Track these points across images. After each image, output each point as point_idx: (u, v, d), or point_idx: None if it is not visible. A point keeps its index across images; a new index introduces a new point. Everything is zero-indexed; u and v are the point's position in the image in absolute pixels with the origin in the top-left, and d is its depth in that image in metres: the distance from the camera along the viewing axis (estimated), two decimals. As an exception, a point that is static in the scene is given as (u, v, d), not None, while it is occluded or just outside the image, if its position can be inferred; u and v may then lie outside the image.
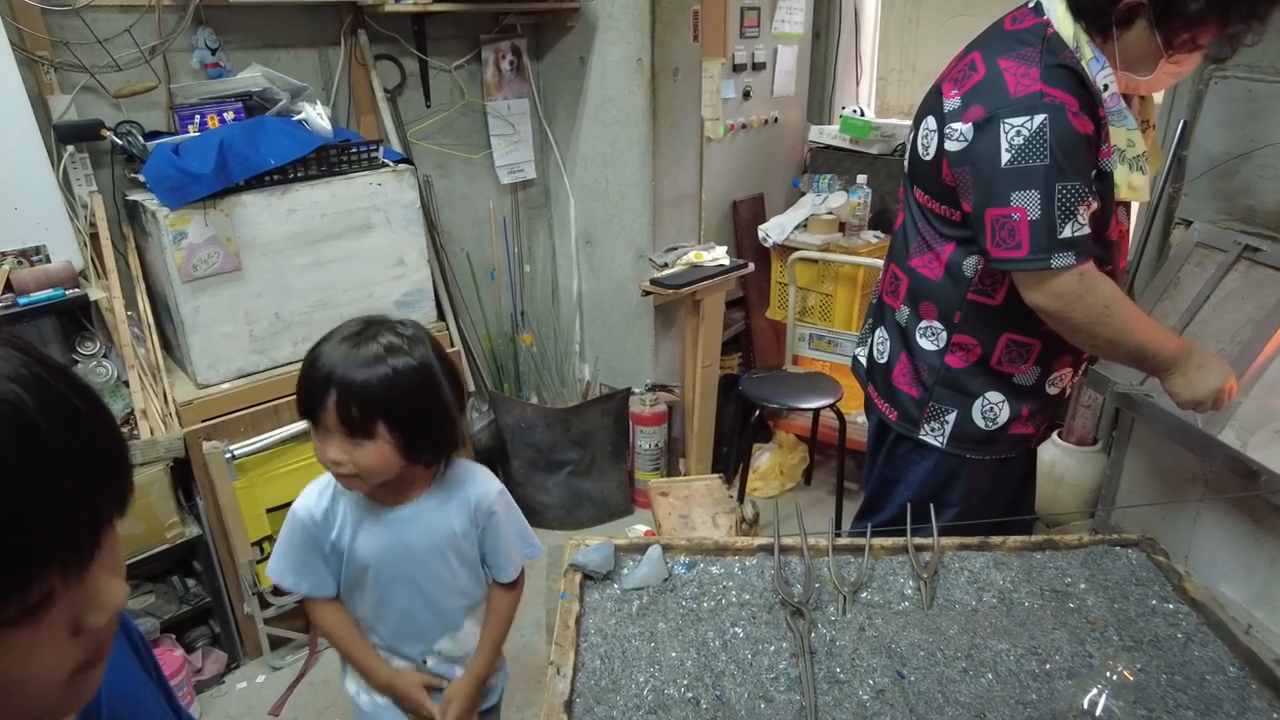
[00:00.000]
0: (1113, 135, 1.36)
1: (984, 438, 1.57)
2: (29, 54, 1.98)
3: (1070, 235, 1.32)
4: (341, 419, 1.16)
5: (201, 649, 2.32)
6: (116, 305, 2.07)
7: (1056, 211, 1.31)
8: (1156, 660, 1.10)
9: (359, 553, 1.31)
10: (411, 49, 2.64)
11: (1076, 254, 1.32)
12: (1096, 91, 1.33)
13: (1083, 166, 1.33)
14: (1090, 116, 1.32)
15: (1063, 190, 1.30)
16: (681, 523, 1.53)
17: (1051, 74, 1.31)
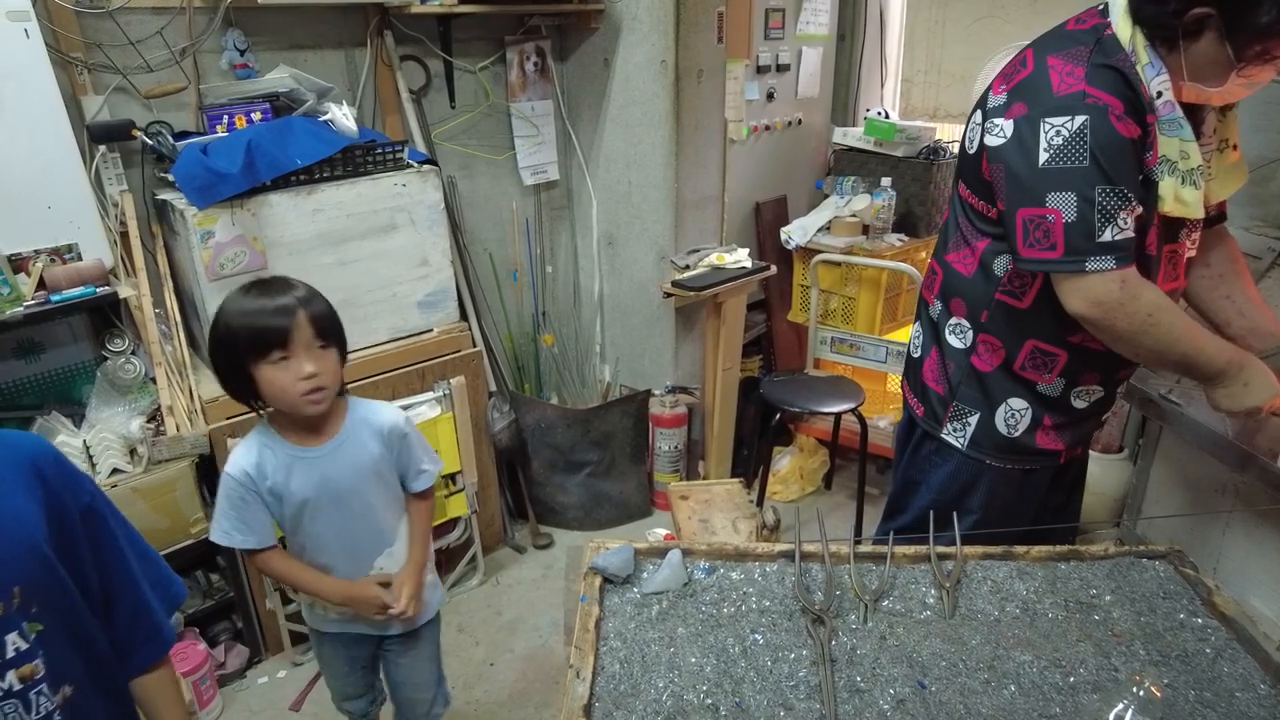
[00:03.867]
0: (1163, 144, 1.29)
1: (1005, 445, 1.54)
2: (63, 55, 2.01)
3: (1110, 239, 1.27)
4: (316, 332, 1.37)
5: (224, 643, 2.34)
6: (145, 303, 2.10)
7: (1096, 215, 1.27)
8: (1184, 676, 1.08)
9: (295, 493, 1.46)
10: (437, 50, 2.66)
11: (1117, 259, 1.27)
12: (1149, 98, 1.27)
13: (1126, 170, 1.27)
14: (1137, 121, 1.27)
15: (1103, 194, 1.26)
16: (701, 527, 1.52)
17: (1098, 74, 1.27)
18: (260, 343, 1.34)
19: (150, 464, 2.04)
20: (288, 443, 1.46)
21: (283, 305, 1.35)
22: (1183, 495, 2.20)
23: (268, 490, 1.46)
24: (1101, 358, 1.44)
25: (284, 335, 1.34)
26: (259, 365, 1.35)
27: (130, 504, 2.01)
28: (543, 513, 3.01)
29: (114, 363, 2.07)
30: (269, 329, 1.34)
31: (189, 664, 2.12)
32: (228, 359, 1.37)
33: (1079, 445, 1.60)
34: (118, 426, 2.04)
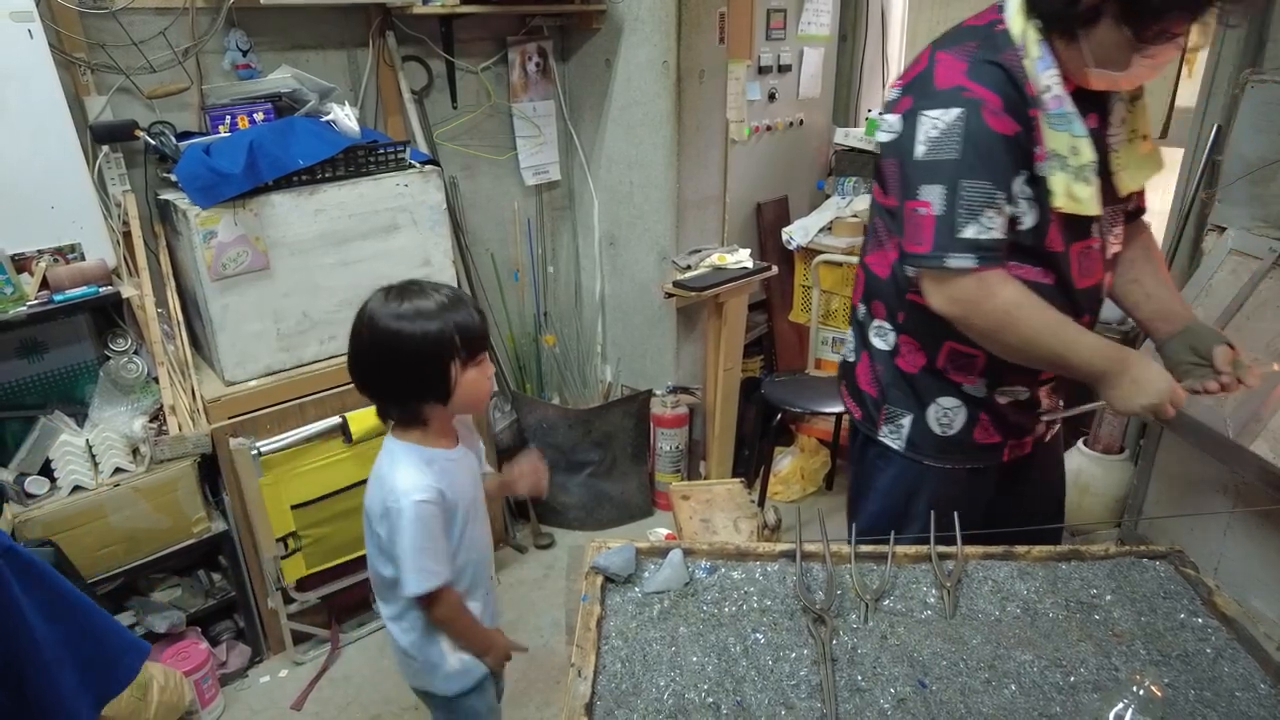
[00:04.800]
0: (1051, 140, 1.26)
1: (942, 444, 1.49)
2: (67, 56, 2.02)
3: (973, 237, 1.24)
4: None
5: (226, 642, 2.35)
6: (147, 303, 2.10)
7: (958, 210, 1.24)
8: (1185, 675, 1.08)
9: (458, 501, 1.39)
10: (439, 50, 2.67)
11: (979, 258, 1.25)
12: (1034, 94, 1.25)
13: (997, 167, 1.25)
14: (1016, 118, 1.25)
15: (968, 188, 1.24)
16: (703, 526, 1.52)
17: (978, 69, 1.25)
18: (476, 345, 1.34)
19: (152, 463, 2.05)
20: (436, 449, 1.39)
21: (477, 307, 1.37)
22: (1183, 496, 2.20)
23: (449, 506, 1.38)
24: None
25: (487, 336, 1.36)
26: (466, 368, 1.34)
27: (132, 503, 2.02)
28: (544, 513, 3.02)
29: (116, 362, 2.08)
30: (480, 331, 1.35)
31: (191, 663, 2.13)
32: (438, 365, 1.31)
33: (1022, 438, 1.54)
34: (120, 426, 2.05)
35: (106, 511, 1.99)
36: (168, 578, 2.27)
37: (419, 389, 1.34)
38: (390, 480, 1.34)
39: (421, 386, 1.34)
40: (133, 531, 2.04)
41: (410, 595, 1.35)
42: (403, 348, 1.30)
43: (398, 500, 1.32)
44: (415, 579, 1.33)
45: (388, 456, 1.39)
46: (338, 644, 2.46)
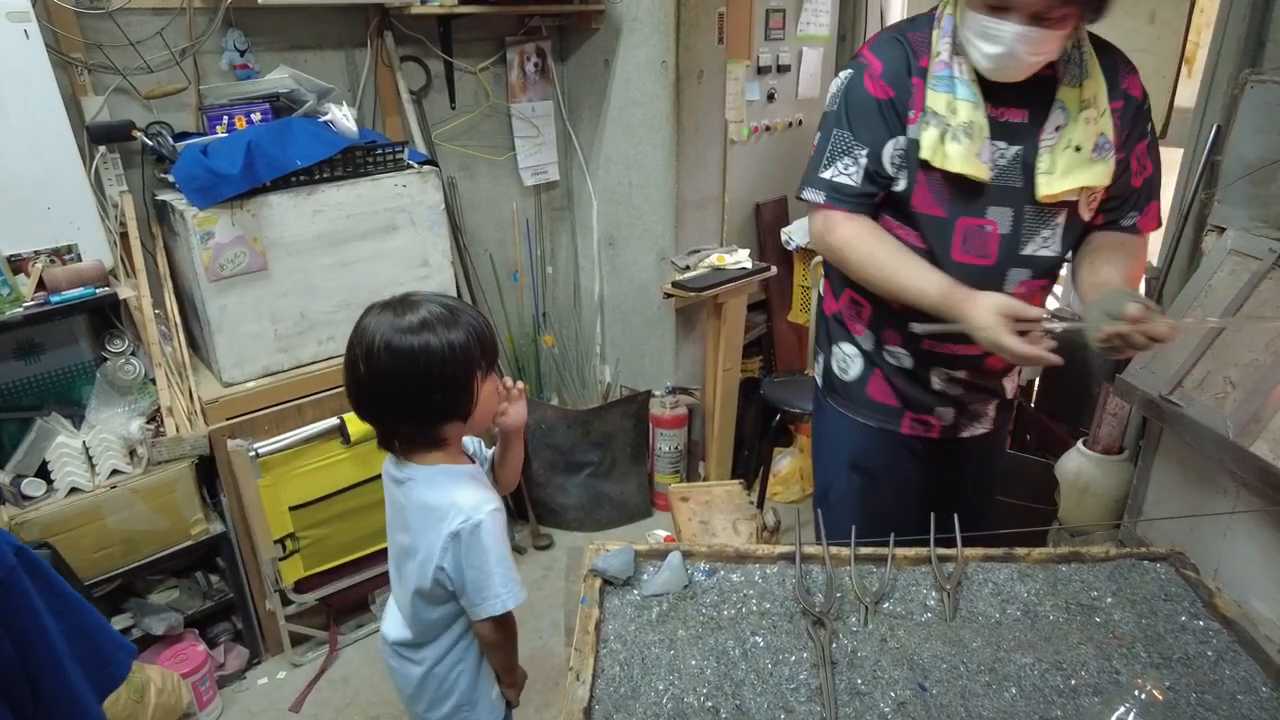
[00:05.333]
0: (930, 99, 1.36)
1: (841, 388, 1.61)
2: (63, 56, 2.01)
3: (828, 177, 1.42)
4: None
5: (224, 644, 2.34)
6: (145, 304, 2.09)
7: (825, 153, 1.42)
8: (1186, 679, 1.07)
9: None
10: (437, 51, 2.66)
11: (826, 195, 1.42)
12: (927, 64, 1.37)
13: (864, 125, 1.40)
14: (894, 84, 1.38)
15: (836, 136, 1.41)
16: (702, 528, 1.52)
17: (880, 42, 1.43)
18: (492, 354, 1.27)
19: (150, 465, 2.04)
20: (466, 466, 1.33)
21: (483, 316, 1.29)
22: (1183, 496, 2.20)
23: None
24: (895, 314, 1.45)
25: (498, 347, 1.31)
26: (485, 381, 1.26)
27: (130, 505, 2.01)
28: (543, 513, 3.01)
29: (114, 364, 2.07)
30: (494, 338, 1.29)
31: (189, 665, 2.12)
32: (465, 378, 1.23)
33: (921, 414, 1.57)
34: (117, 427, 2.04)
35: (104, 513, 1.98)
36: (165, 579, 2.26)
37: (443, 407, 1.24)
38: (452, 502, 1.24)
39: (446, 404, 1.23)
40: (130, 533, 2.04)
41: (500, 614, 1.26)
42: (430, 365, 1.19)
43: (470, 517, 1.22)
44: (507, 594, 1.25)
45: (428, 486, 1.27)
46: (336, 646, 2.45)
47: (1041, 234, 1.43)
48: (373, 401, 1.26)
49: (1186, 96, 2.69)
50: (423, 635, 1.36)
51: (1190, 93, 2.59)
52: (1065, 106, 1.35)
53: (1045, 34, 1.24)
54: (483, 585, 1.24)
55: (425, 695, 1.39)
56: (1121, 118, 1.38)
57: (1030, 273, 1.44)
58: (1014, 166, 1.38)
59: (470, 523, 1.22)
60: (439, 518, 1.24)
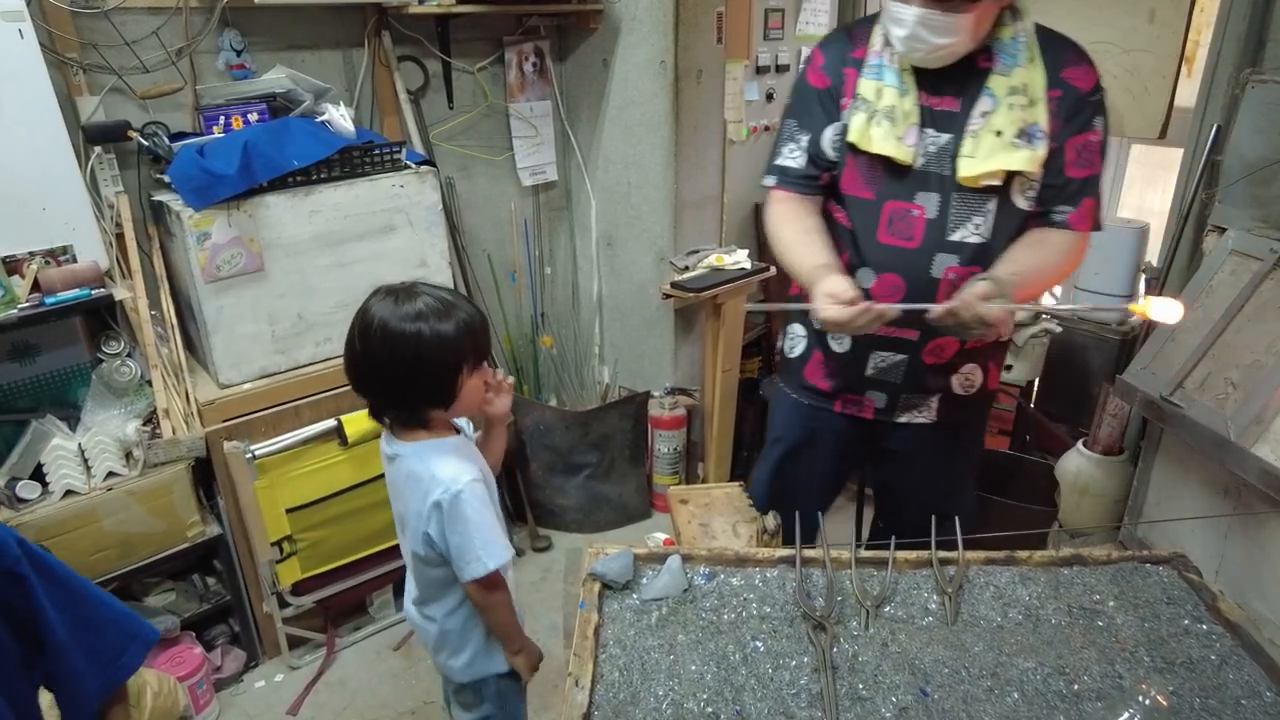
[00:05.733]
0: (861, 86, 1.46)
1: (783, 365, 1.73)
2: (59, 56, 2.00)
3: (778, 163, 1.56)
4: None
5: (221, 647, 2.33)
6: (141, 305, 2.08)
7: (778, 141, 1.57)
8: (1189, 683, 1.07)
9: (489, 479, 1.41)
10: (435, 50, 2.65)
11: (777, 179, 1.56)
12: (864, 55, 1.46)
13: (805, 113, 1.53)
14: (832, 74, 1.50)
15: (786, 125, 1.55)
16: (701, 531, 1.51)
17: (829, 35, 1.55)
18: (483, 351, 1.35)
19: (146, 467, 2.03)
20: (449, 438, 1.40)
21: (481, 311, 1.37)
22: (1184, 497, 2.19)
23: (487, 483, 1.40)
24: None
25: (490, 343, 1.37)
26: (471, 374, 1.33)
27: (126, 508, 2.00)
28: (541, 515, 3.00)
29: (109, 365, 2.06)
30: (487, 337, 1.35)
31: (185, 668, 2.11)
32: (450, 370, 1.30)
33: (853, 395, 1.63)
34: (113, 429, 2.03)
35: (99, 516, 1.97)
36: (162, 582, 2.25)
37: (425, 393, 1.32)
38: (432, 475, 1.32)
39: (429, 391, 1.32)
40: (126, 536, 2.03)
41: (483, 575, 1.33)
42: (420, 352, 1.28)
43: (449, 488, 1.30)
44: (487, 555, 1.32)
45: (414, 458, 1.35)
46: (334, 648, 2.44)
47: (972, 221, 1.45)
48: (366, 379, 1.35)
49: (1186, 96, 2.68)
50: (429, 594, 1.46)
51: (1190, 92, 2.59)
52: (993, 93, 1.40)
53: (948, 19, 1.31)
54: (465, 549, 1.32)
55: (445, 647, 1.49)
56: (1060, 106, 1.41)
57: (959, 259, 1.47)
58: (944, 154, 1.43)
59: (450, 493, 1.30)
60: (423, 489, 1.33)
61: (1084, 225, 1.47)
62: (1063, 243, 1.47)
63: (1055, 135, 1.40)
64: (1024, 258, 1.43)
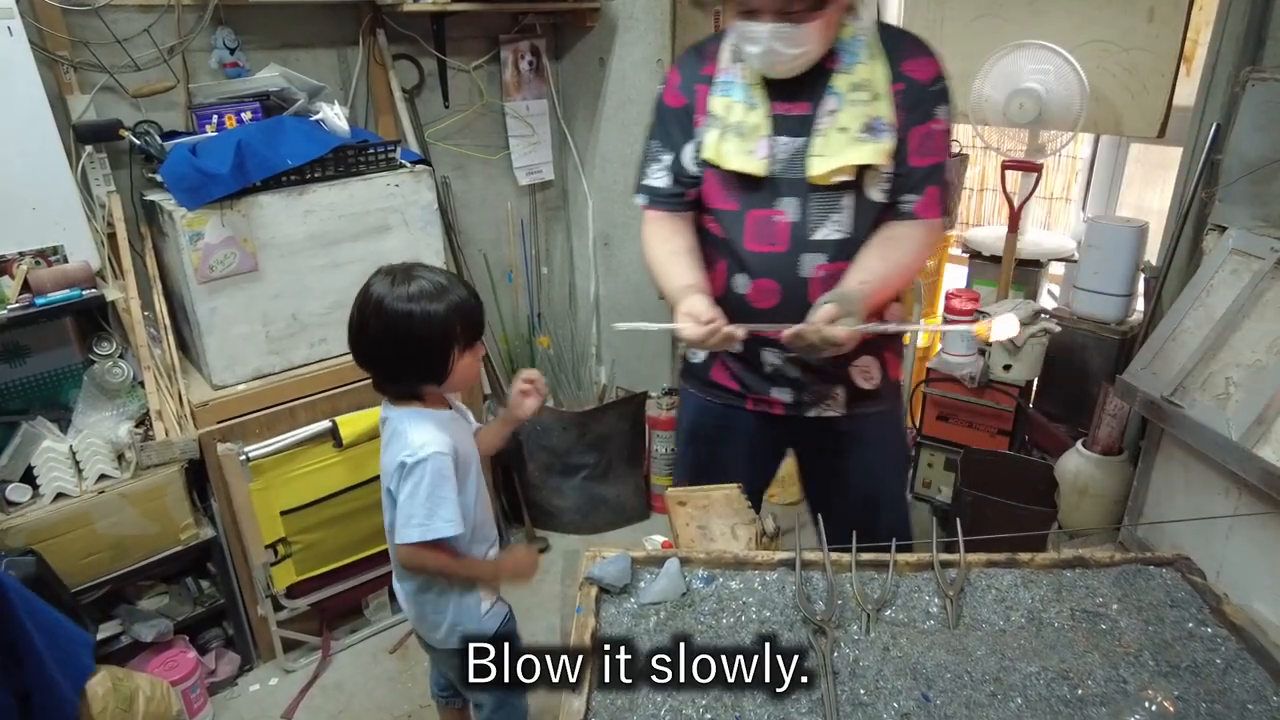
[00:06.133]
0: (712, 103, 1.49)
1: (690, 371, 1.74)
2: (49, 54, 1.98)
3: (644, 182, 1.61)
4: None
5: (215, 650, 2.31)
6: (133, 306, 2.06)
7: (644, 161, 1.61)
8: (1195, 688, 1.05)
9: (464, 455, 1.49)
10: (430, 49, 2.63)
11: (646, 198, 1.61)
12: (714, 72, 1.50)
13: (665, 132, 1.57)
14: (685, 93, 1.53)
15: (649, 145, 1.61)
16: (700, 533, 1.49)
17: (684, 53, 1.58)
18: (475, 331, 1.44)
19: (139, 469, 2.01)
20: (436, 411, 1.49)
21: (475, 294, 1.46)
22: (1184, 498, 2.18)
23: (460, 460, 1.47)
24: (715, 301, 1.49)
25: (483, 324, 1.46)
26: (464, 352, 1.43)
27: (118, 510, 1.98)
28: (538, 516, 2.98)
29: (101, 366, 2.04)
30: (480, 318, 1.44)
31: (179, 672, 2.09)
32: (442, 349, 1.40)
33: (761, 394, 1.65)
34: (105, 431, 2.01)
35: (91, 519, 1.95)
36: (155, 585, 2.23)
37: (419, 370, 1.43)
38: (406, 438, 1.42)
39: (422, 368, 1.43)
40: (119, 539, 2.01)
41: (414, 542, 1.41)
42: (412, 331, 1.38)
43: (415, 454, 1.40)
44: (426, 525, 1.40)
45: (400, 420, 1.46)
46: (329, 651, 2.42)
47: (831, 219, 1.49)
48: (363, 354, 1.45)
49: (1185, 95, 2.67)
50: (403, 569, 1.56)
51: (1189, 91, 2.57)
52: (838, 92, 1.43)
53: (798, 29, 1.34)
54: (406, 514, 1.42)
55: (425, 619, 1.58)
56: (902, 99, 1.43)
57: (825, 257, 1.50)
58: (797, 157, 1.45)
59: (415, 458, 1.40)
60: (397, 446, 1.44)
61: (930, 213, 1.50)
62: (911, 235, 1.50)
63: (899, 127, 1.44)
64: (874, 262, 1.47)
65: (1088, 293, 2.75)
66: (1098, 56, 2.78)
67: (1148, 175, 3.11)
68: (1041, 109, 2.72)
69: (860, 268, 1.46)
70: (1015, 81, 2.77)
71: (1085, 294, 2.75)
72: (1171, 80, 2.70)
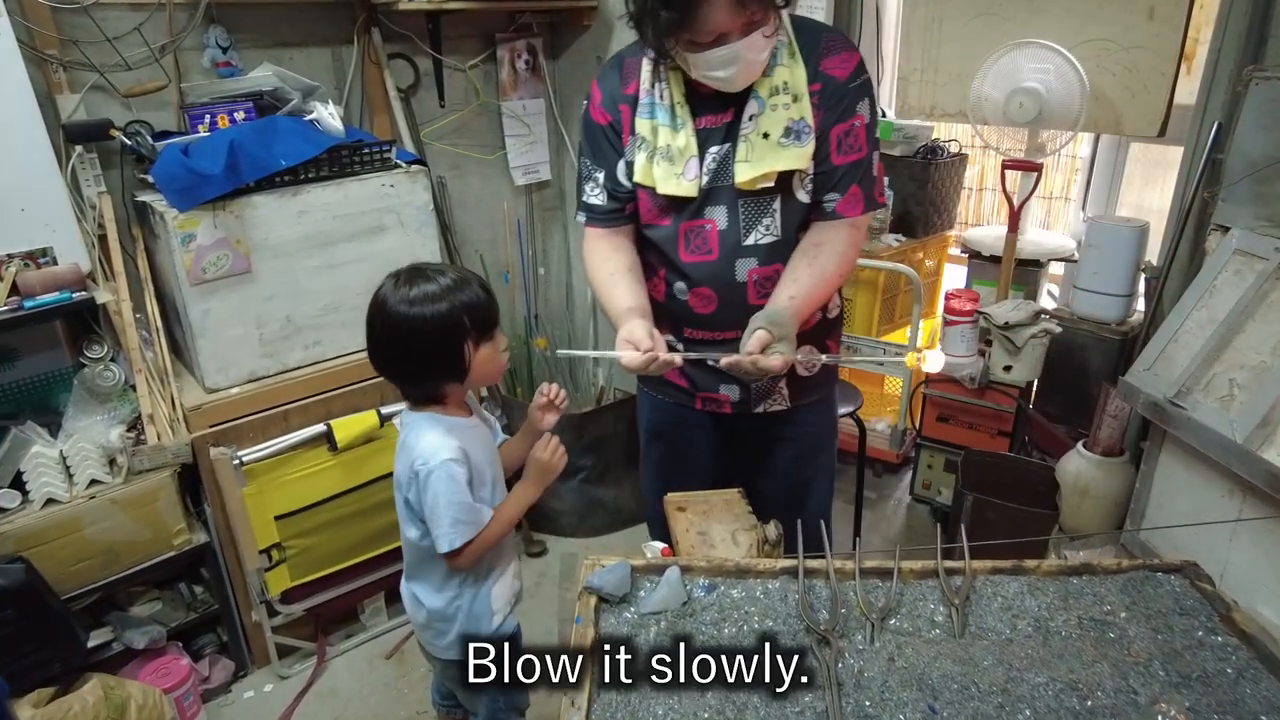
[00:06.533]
0: (637, 125, 1.47)
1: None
2: (38, 52, 1.95)
3: (584, 200, 1.58)
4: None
5: (209, 657, 2.29)
6: (124, 308, 2.04)
7: (580, 178, 1.59)
8: (1206, 699, 1.03)
9: (481, 466, 1.48)
10: (426, 48, 2.60)
11: (586, 216, 1.58)
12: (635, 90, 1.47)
13: (595, 150, 1.55)
14: (610, 110, 1.51)
15: (582, 163, 1.59)
16: (700, 539, 1.47)
17: (604, 68, 1.54)
18: (486, 323, 1.42)
19: (130, 474, 1.98)
20: (453, 418, 1.48)
21: (484, 286, 1.44)
22: (1187, 500, 2.16)
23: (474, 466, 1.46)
24: (659, 305, 1.57)
25: (498, 315, 1.45)
26: (480, 345, 1.42)
27: (110, 516, 1.95)
28: (535, 519, 2.96)
29: (92, 370, 2.01)
30: (488, 309, 1.43)
31: (171, 679, 2.07)
32: (451, 343, 1.39)
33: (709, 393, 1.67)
34: (96, 436, 1.98)
35: (82, 524, 1.93)
36: (147, 591, 2.20)
37: (437, 370, 1.42)
38: (416, 446, 1.42)
39: (439, 367, 1.42)
40: (110, 545, 1.98)
41: (446, 550, 1.42)
42: (416, 332, 1.37)
43: (426, 462, 1.39)
44: (450, 535, 1.41)
45: (410, 428, 1.46)
46: (324, 657, 2.40)
47: (761, 223, 1.50)
48: (379, 361, 1.46)
49: (1186, 94, 2.66)
50: (415, 569, 1.56)
51: (1189, 90, 2.56)
52: (759, 95, 1.42)
53: (756, 35, 1.32)
54: (434, 522, 1.42)
55: (430, 626, 1.58)
56: (821, 99, 1.43)
57: (757, 260, 1.51)
58: (725, 164, 1.45)
59: (426, 467, 1.40)
60: (407, 456, 1.44)
61: (853, 211, 1.49)
62: (838, 237, 1.49)
63: (819, 126, 1.43)
64: (802, 273, 1.47)
65: (1088, 293, 2.73)
66: (1098, 55, 2.76)
67: (1147, 175, 3.10)
68: (1041, 108, 2.71)
69: (789, 280, 1.47)
70: (1015, 80, 2.75)
71: (1085, 294, 2.74)
72: (1172, 79, 2.69)
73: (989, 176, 3.71)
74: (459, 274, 1.43)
